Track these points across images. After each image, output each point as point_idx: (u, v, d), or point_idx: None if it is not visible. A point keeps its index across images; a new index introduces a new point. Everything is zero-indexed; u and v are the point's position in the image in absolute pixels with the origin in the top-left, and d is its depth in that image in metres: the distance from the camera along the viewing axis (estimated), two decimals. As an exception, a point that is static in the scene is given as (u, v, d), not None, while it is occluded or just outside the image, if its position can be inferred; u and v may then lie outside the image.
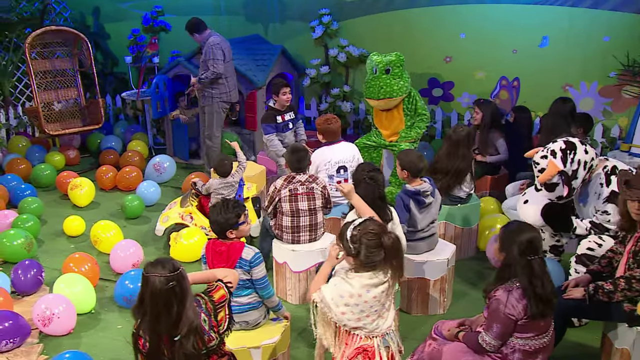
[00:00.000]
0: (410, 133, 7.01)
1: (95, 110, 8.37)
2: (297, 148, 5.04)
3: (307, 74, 8.72)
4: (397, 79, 6.83)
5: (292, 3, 8.87)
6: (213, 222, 3.91)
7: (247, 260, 3.85)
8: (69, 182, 7.32)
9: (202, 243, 5.68)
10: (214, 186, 5.85)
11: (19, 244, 5.71)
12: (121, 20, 9.88)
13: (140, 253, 5.60)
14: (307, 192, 4.95)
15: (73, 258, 5.33)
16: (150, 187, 7.08)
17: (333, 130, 5.79)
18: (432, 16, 8.00)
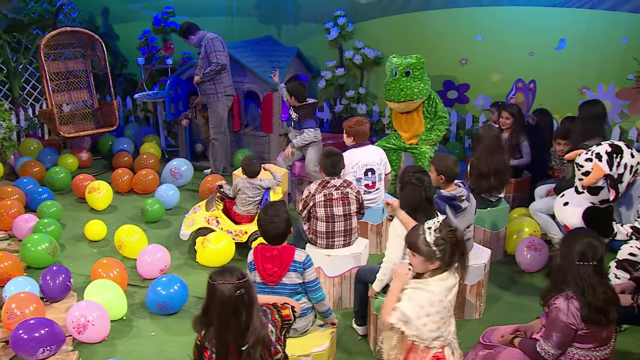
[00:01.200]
0: (430, 136, 6.98)
1: (109, 112, 8.26)
2: (332, 152, 4.98)
3: (323, 75, 8.67)
4: (417, 81, 6.80)
5: (306, 4, 8.81)
6: (274, 228, 3.86)
7: (301, 262, 3.83)
8: (85, 185, 7.22)
9: (230, 247, 5.65)
10: (240, 185, 5.80)
11: (43, 249, 5.62)
12: (130, 21, 9.77)
13: (168, 258, 5.52)
14: (342, 197, 4.89)
15: (101, 264, 5.23)
16: (169, 190, 6.99)
17: (363, 132, 5.74)
18: (448, 18, 7.98)
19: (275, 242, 3.86)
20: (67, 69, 8.32)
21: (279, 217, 3.87)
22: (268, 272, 3.83)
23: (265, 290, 3.82)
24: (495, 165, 5.45)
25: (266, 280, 3.83)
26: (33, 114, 9.25)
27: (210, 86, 7.44)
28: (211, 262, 5.66)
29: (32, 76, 9.29)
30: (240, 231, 5.86)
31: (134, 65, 9.82)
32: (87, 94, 8.52)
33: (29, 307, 4.59)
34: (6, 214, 6.42)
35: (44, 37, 7.70)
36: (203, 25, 8.92)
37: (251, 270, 3.89)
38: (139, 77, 9.86)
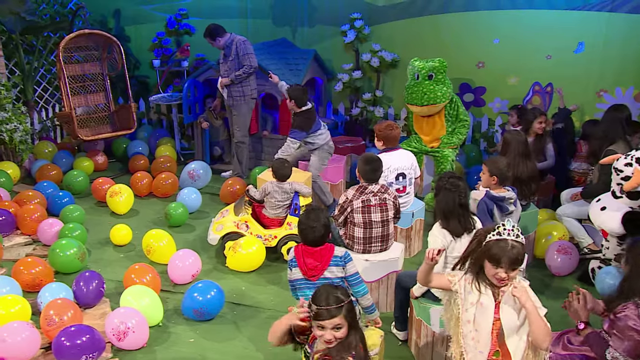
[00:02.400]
0: (452, 139, 7.01)
1: (126, 115, 8.20)
2: (372, 158, 4.95)
3: (340, 78, 8.65)
4: (440, 85, 6.83)
5: (322, 7, 8.78)
6: (318, 230, 3.87)
7: (341, 256, 3.86)
8: (105, 188, 7.18)
9: (260, 252, 5.63)
10: (269, 189, 5.79)
11: (72, 254, 5.57)
12: (142, 23, 9.71)
13: (199, 263, 5.49)
14: (380, 204, 4.87)
15: (134, 269, 5.18)
16: (191, 194, 6.95)
17: (394, 137, 5.72)
18: (465, 21, 7.99)
19: (314, 245, 3.88)
20: (83, 72, 8.26)
21: (319, 222, 3.88)
22: (309, 267, 3.87)
23: (307, 285, 3.87)
24: (526, 170, 5.46)
25: (307, 275, 3.87)
26: (46, 116, 9.16)
27: (238, 89, 7.40)
28: (242, 267, 5.64)
29: (43, 78, 9.22)
30: (270, 235, 5.84)
31: (146, 67, 9.77)
32: (104, 97, 8.45)
33: (67, 313, 4.54)
34: (29, 219, 6.37)
35: (63, 40, 7.63)
36: (217, 28, 8.92)
37: (292, 267, 3.93)
38: (151, 80, 9.82)
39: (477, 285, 3.21)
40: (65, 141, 9.09)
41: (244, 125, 7.58)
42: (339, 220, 4.99)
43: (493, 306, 3.17)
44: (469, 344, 3.22)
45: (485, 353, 3.19)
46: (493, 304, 3.17)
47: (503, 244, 3.06)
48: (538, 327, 2.98)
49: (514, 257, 3.04)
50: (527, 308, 2.99)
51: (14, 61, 8.61)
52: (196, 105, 8.29)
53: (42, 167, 7.77)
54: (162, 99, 8.72)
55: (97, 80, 8.45)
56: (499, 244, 3.06)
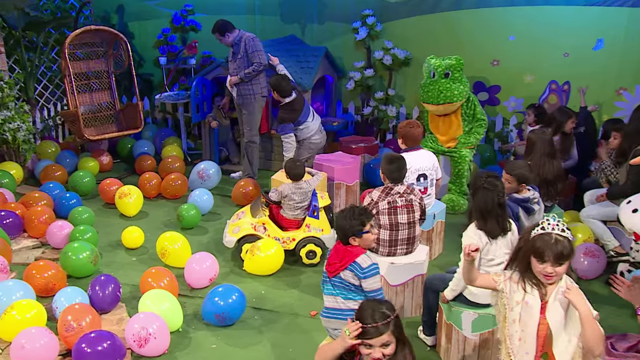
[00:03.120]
0: (469, 139, 6.99)
1: (133, 114, 8.14)
2: (395, 157, 4.92)
3: (351, 76, 8.61)
4: (457, 83, 6.83)
5: (332, 3, 8.75)
6: (338, 227, 3.86)
7: (362, 267, 3.76)
8: (113, 189, 7.13)
9: (279, 255, 5.59)
10: (286, 191, 5.76)
11: (84, 257, 5.51)
12: (146, 19, 9.64)
13: (216, 267, 5.44)
14: (406, 205, 4.83)
15: (150, 273, 5.13)
16: (203, 195, 6.90)
17: (415, 136, 5.69)
18: (480, 18, 7.97)
19: (344, 242, 3.86)
20: (88, 69, 8.20)
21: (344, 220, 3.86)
22: (329, 262, 3.89)
23: (325, 280, 3.91)
24: (552, 170, 5.44)
25: (326, 270, 3.90)
26: (48, 115, 9.09)
27: (247, 87, 7.35)
28: (260, 271, 5.60)
29: (44, 76, 9.14)
30: (288, 238, 5.80)
31: (150, 65, 9.71)
32: (109, 95, 8.39)
33: (85, 318, 4.48)
34: (37, 221, 6.30)
35: (69, 36, 7.54)
36: (223, 24, 8.85)
37: (326, 259, 3.96)
38: (155, 78, 9.75)
39: (522, 284, 3.19)
40: (68, 140, 9.03)
41: (254, 124, 7.54)
42: (363, 223, 4.94)
43: (539, 306, 3.15)
44: (515, 345, 3.21)
45: (532, 355, 3.17)
46: (539, 304, 3.15)
47: (547, 237, 3.06)
48: (592, 332, 2.94)
49: (559, 252, 3.02)
50: (581, 312, 2.96)
51: (14, 58, 8.52)
52: (204, 104, 8.23)
53: (46, 168, 7.70)
54: (169, 97, 8.66)
55: (102, 78, 8.39)
56: (543, 238, 3.06)
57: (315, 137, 7.08)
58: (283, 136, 6.88)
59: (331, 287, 3.86)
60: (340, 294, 3.82)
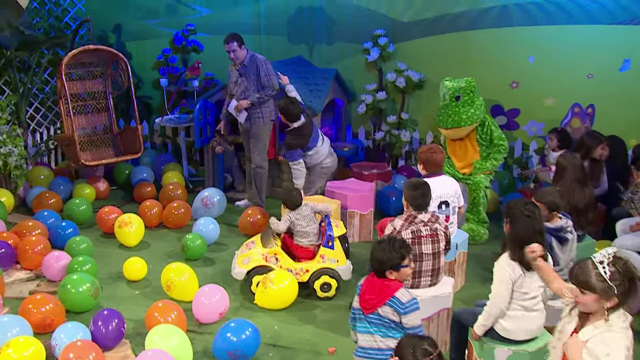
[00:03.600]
0: (485, 164, 6.97)
1: (132, 138, 8.11)
2: (419, 182, 4.89)
3: (363, 99, 8.63)
4: (467, 106, 6.85)
5: (341, 23, 8.81)
6: (374, 259, 3.83)
7: (402, 302, 3.74)
8: (111, 218, 7.07)
9: (292, 288, 5.53)
10: (291, 218, 5.85)
11: (84, 290, 5.42)
12: (145, 39, 9.67)
13: (227, 300, 5.37)
14: (431, 234, 4.79)
15: (157, 307, 5.06)
16: (208, 224, 6.85)
17: (436, 162, 5.66)
18: (498, 38, 8.03)
19: (380, 275, 3.83)
20: (85, 90, 8.20)
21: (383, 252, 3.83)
22: (365, 298, 3.84)
23: (361, 317, 3.86)
24: (583, 197, 5.42)
25: (362, 306, 3.85)
26: (40, 139, 9.06)
27: (256, 110, 7.34)
28: (272, 304, 5.53)
29: (35, 98, 9.12)
30: (302, 269, 5.75)
31: (149, 86, 9.72)
32: (106, 118, 8.38)
33: (88, 356, 4.40)
34: (32, 252, 6.21)
35: (67, 55, 7.54)
36: (227, 44, 8.87)
37: (356, 293, 3.92)
38: (154, 100, 9.76)
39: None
40: (62, 166, 8.98)
41: (263, 150, 7.52)
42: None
43: (568, 334, 3.26)
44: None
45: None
46: (569, 332, 3.26)
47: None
48: None
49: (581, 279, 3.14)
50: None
51: (4, 79, 8.50)
52: (207, 128, 8.21)
53: (39, 195, 7.64)
54: (170, 121, 8.66)
55: (99, 100, 8.37)
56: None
57: (326, 162, 7.08)
58: (292, 163, 6.87)
59: (367, 325, 3.80)
60: (378, 331, 3.76)
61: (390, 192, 7.72)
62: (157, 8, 9.59)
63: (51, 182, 8.26)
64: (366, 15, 8.67)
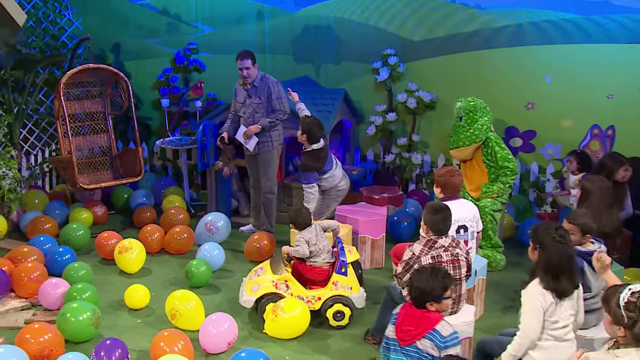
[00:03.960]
0: (492, 188, 6.93)
1: (132, 160, 8.08)
2: (440, 206, 4.87)
3: (372, 121, 8.63)
4: (466, 126, 6.93)
5: (349, 42, 8.85)
6: (415, 288, 3.83)
7: (443, 335, 3.74)
8: (111, 244, 7.03)
9: (304, 316, 5.49)
10: (305, 237, 5.76)
11: (85, 319, 5.36)
12: (145, 58, 9.71)
13: (235, 329, 5.32)
14: (452, 260, 4.75)
15: (162, 336, 5.00)
16: (213, 250, 6.81)
17: (455, 185, 5.64)
18: (513, 58, 8.05)
19: (419, 306, 3.78)
20: (83, 110, 8.21)
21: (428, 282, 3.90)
22: (403, 329, 3.84)
23: (396, 348, 3.86)
24: (610, 222, 5.39)
25: (398, 337, 3.85)
26: (35, 162, 9.03)
27: (266, 135, 7.30)
28: (283, 334, 5.48)
29: (29, 119, 9.10)
30: (313, 297, 5.69)
31: (148, 107, 9.73)
32: (105, 139, 8.36)
33: (91, 389, 4.34)
34: (27, 279, 6.16)
35: (66, 75, 7.55)
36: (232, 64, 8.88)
37: (391, 323, 3.93)
38: (153, 122, 9.76)
39: None
40: (57, 190, 8.93)
41: (273, 175, 7.48)
42: (403, 279, 4.85)
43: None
44: None
45: None
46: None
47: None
48: None
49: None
50: None
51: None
52: (211, 151, 8.20)
53: (34, 220, 7.59)
54: (171, 142, 8.64)
55: (98, 120, 8.35)
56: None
57: (341, 184, 7.08)
58: (306, 186, 6.83)
59: (402, 358, 3.76)
60: None
61: (401, 217, 7.68)
62: (158, 26, 9.64)
63: (46, 207, 8.22)
64: (375, 34, 8.71)
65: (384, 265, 7.09)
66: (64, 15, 9.61)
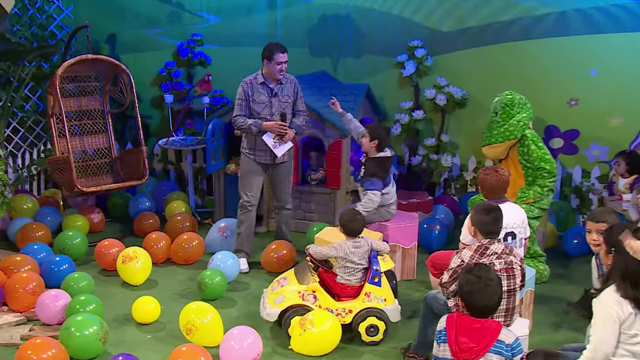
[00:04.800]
0: (527, 192, 6.83)
1: (135, 162, 8.01)
2: (491, 206, 4.82)
3: (397, 119, 8.60)
4: (501, 122, 6.89)
5: (371, 34, 8.86)
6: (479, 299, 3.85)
7: (508, 344, 3.73)
8: (112, 252, 6.98)
9: (336, 330, 5.41)
10: (345, 250, 5.63)
11: (91, 333, 5.26)
12: (144, 51, 9.70)
13: (260, 344, 5.24)
14: (506, 268, 4.68)
15: (180, 352, 4.93)
16: (227, 260, 6.76)
17: (490, 185, 5.57)
18: (554, 49, 8.04)
19: (482, 315, 3.77)
20: (79, 108, 8.15)
21: (494, 282, 3.89)
22: (462, 348, 3.80)
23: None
24: None
25: (458, 357, 3.81)
26: (22, 164, 8.98)
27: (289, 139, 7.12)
28: (311, 350, 5.39)
29: (14, 116, 9.05)
30: (344, 309, 5.62)
31: (147, 104, 9.69)
32: (104, 139, 8.32)
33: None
34: (23, 290, 6.07)
35: (61, 66, 7.47)
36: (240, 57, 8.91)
37: (440, 341, 3.88)
38: (153, 120, 9.72)
39: None
40: (47, 195, 8.88)
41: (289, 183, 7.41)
42: (450, 288, 4.78)
43: None
44: None
45: None
46: None
47: None
48: None
49: None
50: None
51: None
52: (220, 152, 8.16)
53: (25, 227, 7.53)
54: (176, 143, 8.60)
55: (96, 119, 8.31)
56: None
57: (392, 207, 6.92)
58: (371, 193, 6.63)
59: None
60: None
61: (432, 225, 7.64)
62: (158, 16, 9.64)
63: (36, 213, 8.18)
64: (399, 24, 8.72)
65: (415, 277, 7.03)
66: (53, 3, 9.62)
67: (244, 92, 7.05)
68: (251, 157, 7.09)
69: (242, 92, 7.06)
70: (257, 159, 7.08)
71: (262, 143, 6.96)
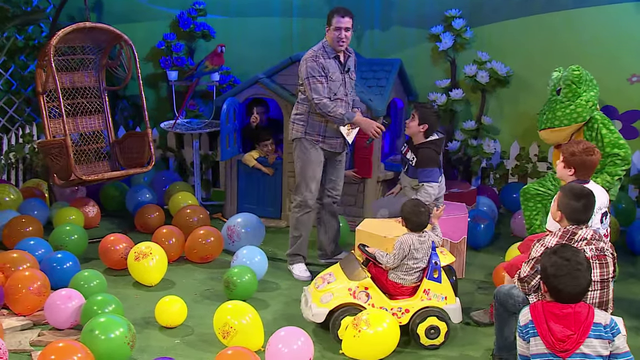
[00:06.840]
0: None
1: (138, 147, 8.05)
2: (583, 191, 4.89)
3: (434, 99, 8.73)
4: (567, 102, 6.87)
5: (401, 2, 9.01)
6: (575, 285, 3.92)
7: (606, 324, 3.87)
8: (120, 249, 7.08)
9: (394, 331, 5.50)
10: (410, 245, 5.71)
11: (119, 336, 5.32)
12: (136, 21, 9.72)
13: (311, 347, 5.34)
14: (597, 255, 4.81)
15: (226, 355, 5.03)
16: (254, 256, 6.87)
17: (594, 165, 5.67)
18: (612, 17, 8.20)
19: (572, 301, 3.93)
20: (72, 85, 8.19)
21: (583, 266, 3.96)
22: (558, 337, 3.88)
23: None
24: None
25: (555, 349, 3.88)
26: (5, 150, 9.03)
27: None
28: (366, 354, 5.49)
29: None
30: (399, 309, 5.75)
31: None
32: (101, 121, 8.36)
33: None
34: (26, 291, 6.12)
35: (55, 36, 7.43)
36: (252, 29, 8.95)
37: (528, 336, 3.99)
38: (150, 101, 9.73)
39: None
40: (29, 185, 8.92)
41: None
42: (532, 283, 4.90)
43: None
44: None
45: None
46: None
47: None
48: None
49: None
50: None
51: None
52: (234, 135, 8.26)
53: (13, 221, 7.55)
54: (180, 126, 8.68)
55: (91, 98, 8.34)
56: None
57: (441, 200, 6.95)
58: (427, 185, 6.60)
59: None
60: None
61: (478, 218, 7.77)
62: (153, -19, 9.69)
63: (20, 206, 8.24)
64: (434, -9, 8.86)
65: (464, 276, 7.17)
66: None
67: (322, 67, 6.67)
68: (318, 145, 6.88)
69: (318, 67, 6.64)
70: (326, 146, 6.89)
71: (333, 128, 6.83)
